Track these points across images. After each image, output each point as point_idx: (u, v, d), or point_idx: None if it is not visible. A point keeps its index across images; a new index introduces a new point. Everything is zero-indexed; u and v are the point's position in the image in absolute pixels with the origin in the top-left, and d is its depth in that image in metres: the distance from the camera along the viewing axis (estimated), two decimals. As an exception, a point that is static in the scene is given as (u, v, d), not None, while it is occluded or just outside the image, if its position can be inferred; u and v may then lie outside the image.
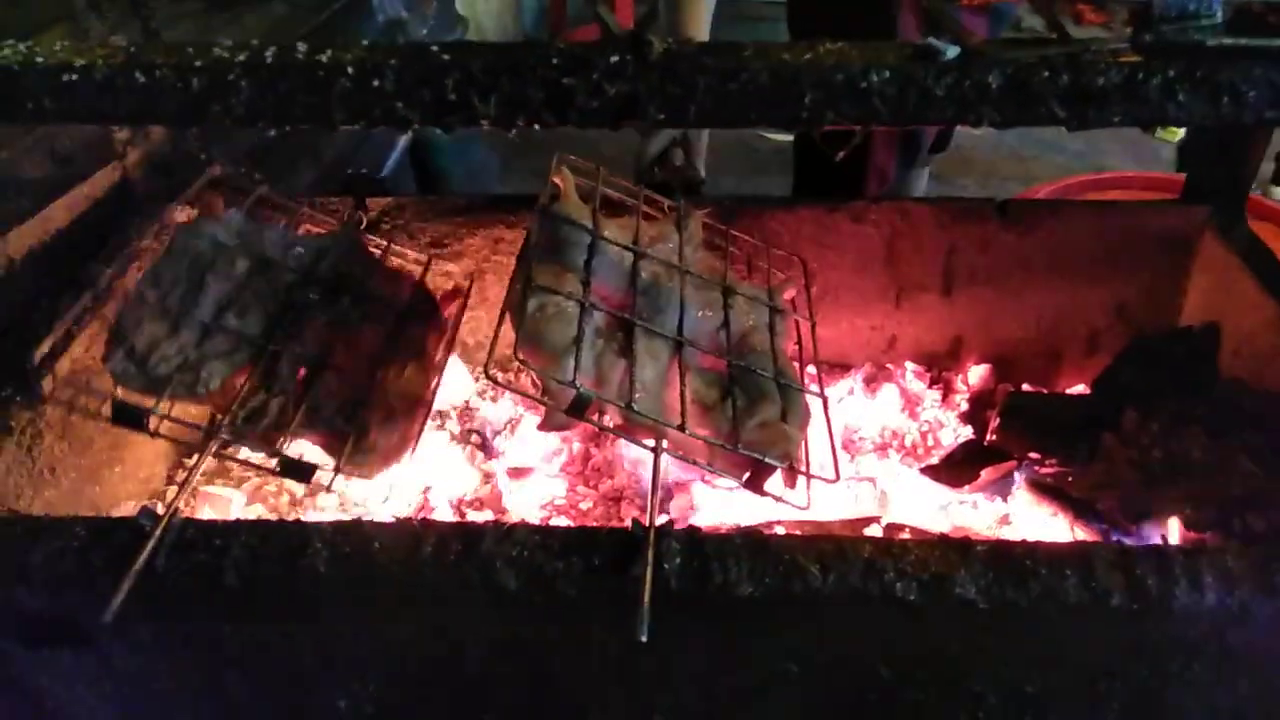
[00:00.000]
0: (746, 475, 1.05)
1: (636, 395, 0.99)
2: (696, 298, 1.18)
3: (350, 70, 0.72)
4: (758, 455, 1.02)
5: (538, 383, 1.05)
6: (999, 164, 3.54)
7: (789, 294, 1.32)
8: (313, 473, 1.05)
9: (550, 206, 1.13)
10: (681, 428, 0.98)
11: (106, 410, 1.03)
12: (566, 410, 0.98)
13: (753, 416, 1.08)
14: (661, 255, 1.18)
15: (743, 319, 1.20)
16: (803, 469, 1.09)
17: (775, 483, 1.08)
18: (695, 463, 1.05)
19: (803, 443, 1.11)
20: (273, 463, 1.06)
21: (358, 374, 1.16)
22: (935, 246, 1.53)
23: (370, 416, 1.14)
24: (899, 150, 1.90)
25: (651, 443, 1.02)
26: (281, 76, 0.72)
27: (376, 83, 0.72)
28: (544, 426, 1.11)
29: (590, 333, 1.04)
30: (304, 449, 1.15)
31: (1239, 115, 0.70)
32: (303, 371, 1.15)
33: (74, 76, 0.72)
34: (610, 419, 1.08)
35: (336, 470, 1.09)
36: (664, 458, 1.01)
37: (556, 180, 1.16)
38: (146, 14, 1.32)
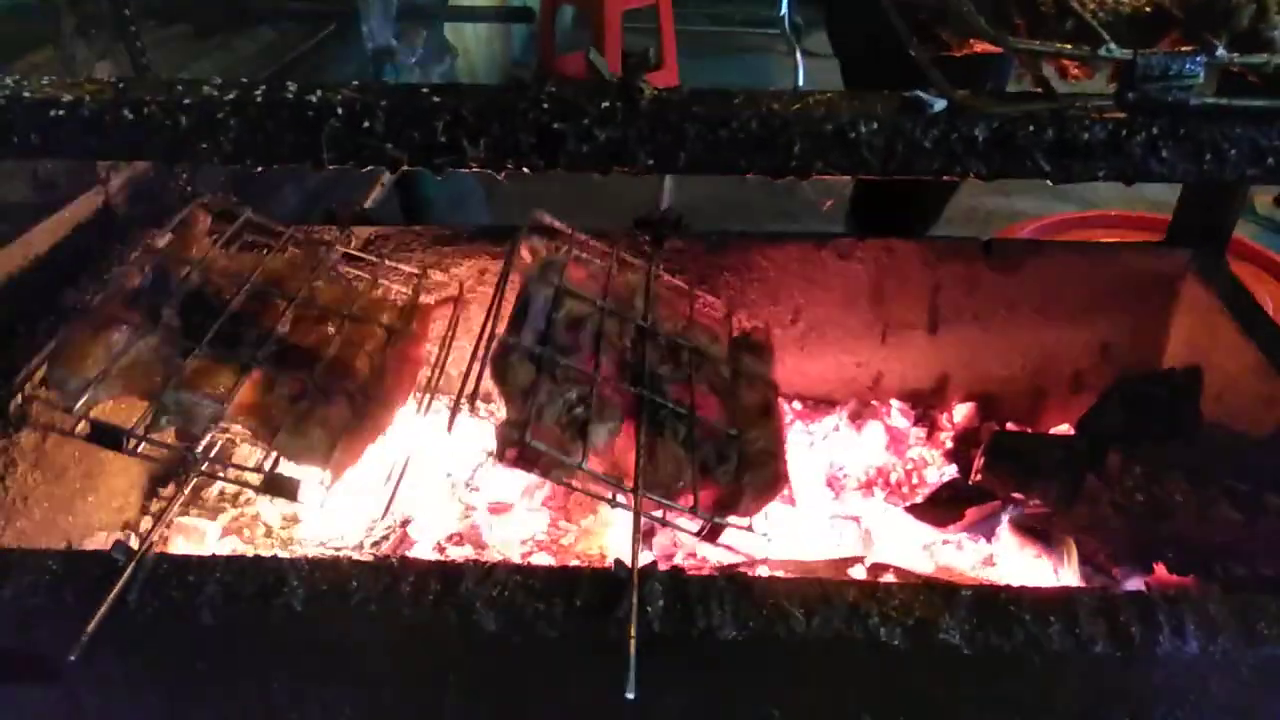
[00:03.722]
0: (704, 528, 1.05)
1: (592, 453, 1.00)
2: (661, 353, 1.19)
3: (340, 111, 0.72)
4: (712, 519, 1.03)
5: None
6: (982, 198, 3.56)
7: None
8: (298, 488, 1.03)
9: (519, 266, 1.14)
10: (635, 490, 0.98)
11: (84, 429, 1.01)
12: (514, 461, 0.98)
13: (715, 471, 1.08)
14: (628, 309, 1.19)
15: (709, 374, 1.21)
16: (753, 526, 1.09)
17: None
18: (655, 519, 1.05)
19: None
20: (258, 481, 1.04)
21: (329, 384, 1.14)
22: (921, 284, 1.53)
23: (322, 410, 1.11)
24: None
25: (609, 494, 1.02)
26: (271, 116, 0.72)
27: (366, 124, 0.72)
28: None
29: (548, 388, 1.04)
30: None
31: (1221, 172, 0.71)
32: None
33: (61, 112, 0.72)
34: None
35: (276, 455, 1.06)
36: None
37: (524, 253, 1.18)
38: (133, 40, 1.32)
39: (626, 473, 1.02)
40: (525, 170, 0.74)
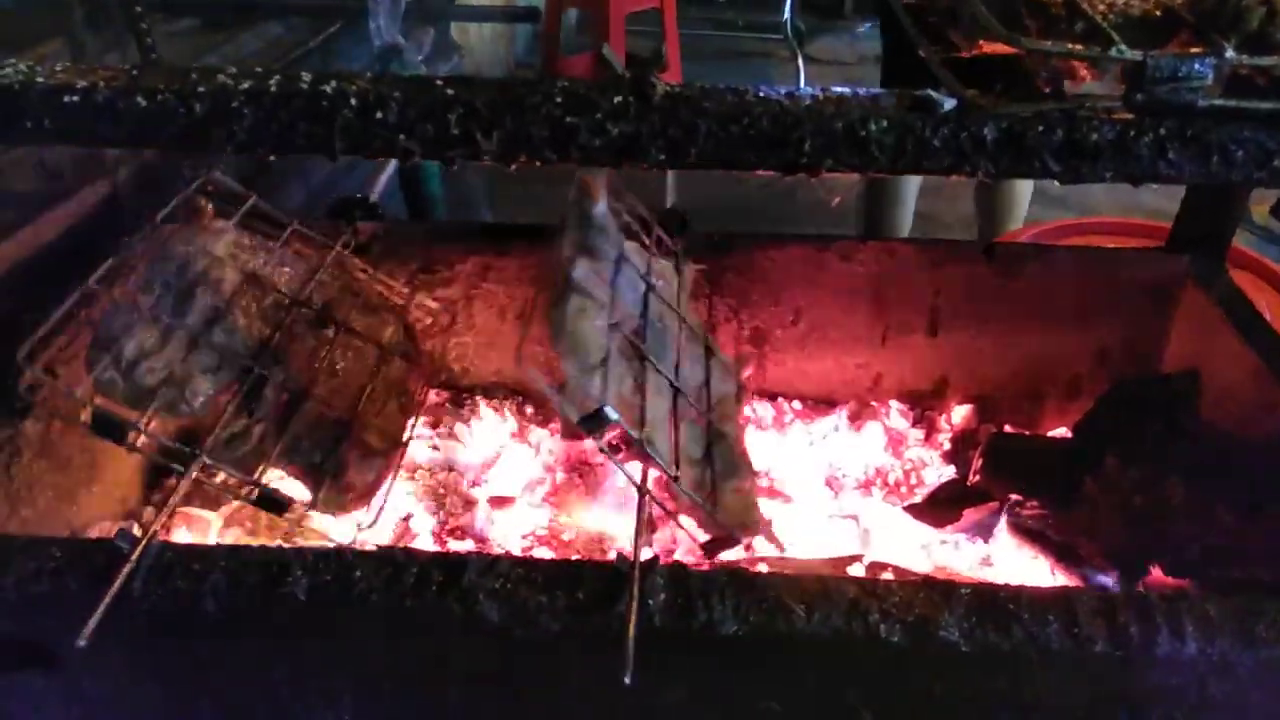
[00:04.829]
0: (710, 539, 1.05)
1: (645, 430, 0.99)
2: (687, 349, 1.18)
3: (353, 101, 0.72)
4: (728, 529, 1.02)
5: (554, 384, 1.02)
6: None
7: (746, 371, 1.32)
8: (288, 507, 1.04)
9: (584, 207, 1.10)
10: (676, 478, 0.98)
11: (86, 417, 1.00)
12: (581, 422, 0.96)
13: (729, 482, 1.08)
14: (665, 295, 1.18)
15: (719, 384, 1.20)
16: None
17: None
18: (667, 510, 1.05)
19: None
20: (248, 492, 1.04)
21: (339, 408, 1.15)
22: (921, 287, 1.54)
23: (348, 454, 1.13)
24: None
25: (639, 479, 1.01)
26: (285, 105, 0.72)
27: (380, 114, 0.72)
28: (564, 435, 1.10)
29: (615, 352, 1.03)
30: (280, 477, 1.14)
31: (1228, 175, 0.72)
32: (284, 398, 1.14)
33: (75, 98, 0.72)
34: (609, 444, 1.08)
35: (312, 506, 1.08)
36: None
37: (589, 181, 1.12)
38: (143, 34, 1.32)
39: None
40: (537, 164, 0.75)
